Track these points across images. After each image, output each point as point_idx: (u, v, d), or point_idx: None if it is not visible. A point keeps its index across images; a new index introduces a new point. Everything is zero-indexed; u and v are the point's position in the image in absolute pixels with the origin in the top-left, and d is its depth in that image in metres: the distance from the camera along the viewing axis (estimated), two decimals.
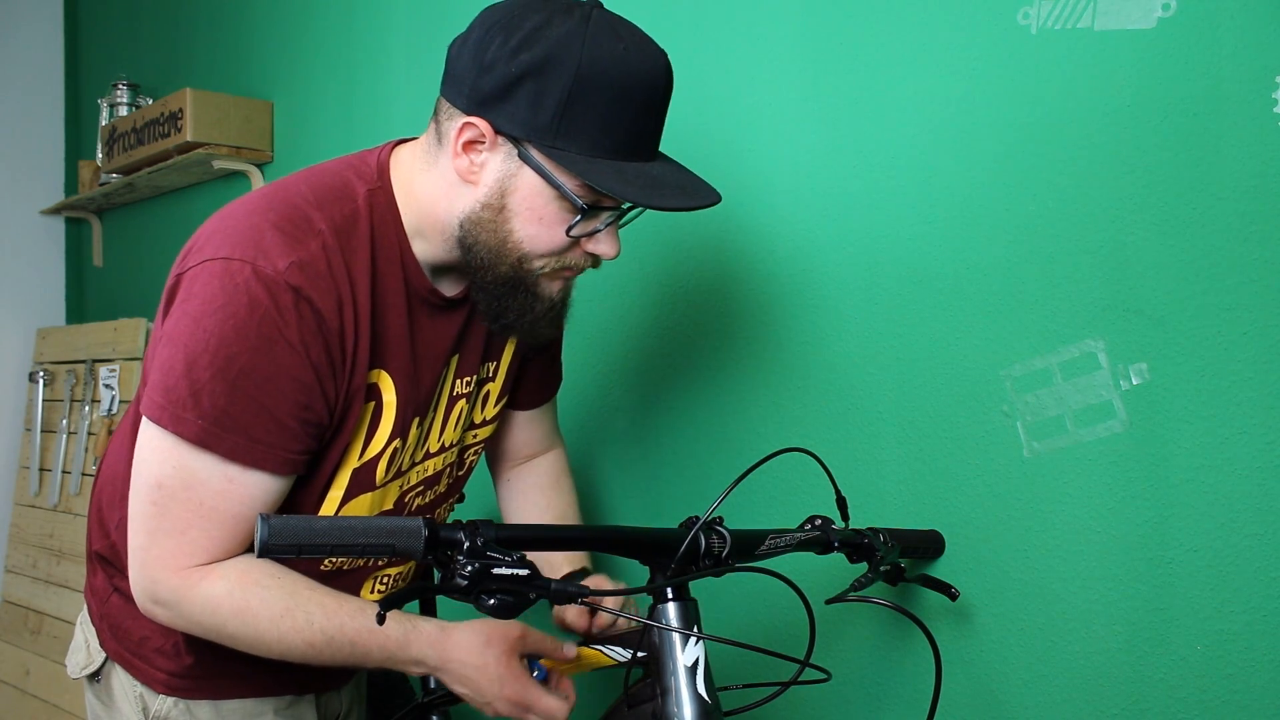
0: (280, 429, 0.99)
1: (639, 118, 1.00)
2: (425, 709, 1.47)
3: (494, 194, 1.02)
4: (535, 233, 1.03)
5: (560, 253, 1.05)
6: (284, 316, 0.97)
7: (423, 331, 1.11)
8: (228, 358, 0.95)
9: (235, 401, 0.96)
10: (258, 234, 0.99)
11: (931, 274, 1.31)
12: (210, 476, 0.99)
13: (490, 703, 1.06)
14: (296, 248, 0.99)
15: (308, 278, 0.98)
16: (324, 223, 1.01)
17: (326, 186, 1.06)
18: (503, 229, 1.03)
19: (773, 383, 1.49)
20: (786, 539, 1.10)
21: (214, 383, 0.96)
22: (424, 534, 0.82)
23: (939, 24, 1.30)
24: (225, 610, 1.00)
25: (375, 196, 1.07)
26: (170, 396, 0.97)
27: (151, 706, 1.14)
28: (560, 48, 0.96)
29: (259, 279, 0.96)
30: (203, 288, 0.97)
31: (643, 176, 1.00)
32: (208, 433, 0.97)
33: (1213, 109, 1.08)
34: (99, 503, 1.20)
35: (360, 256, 1.03)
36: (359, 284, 1.03)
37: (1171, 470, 1.11)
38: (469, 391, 1.21)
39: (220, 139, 2.54)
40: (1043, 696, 1.21)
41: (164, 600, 1.01)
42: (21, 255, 3.40)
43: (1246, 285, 1.06)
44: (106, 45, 3.39)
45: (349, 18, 2.33)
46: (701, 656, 0.99)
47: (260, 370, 0.96)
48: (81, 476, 2.85)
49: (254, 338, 0.96)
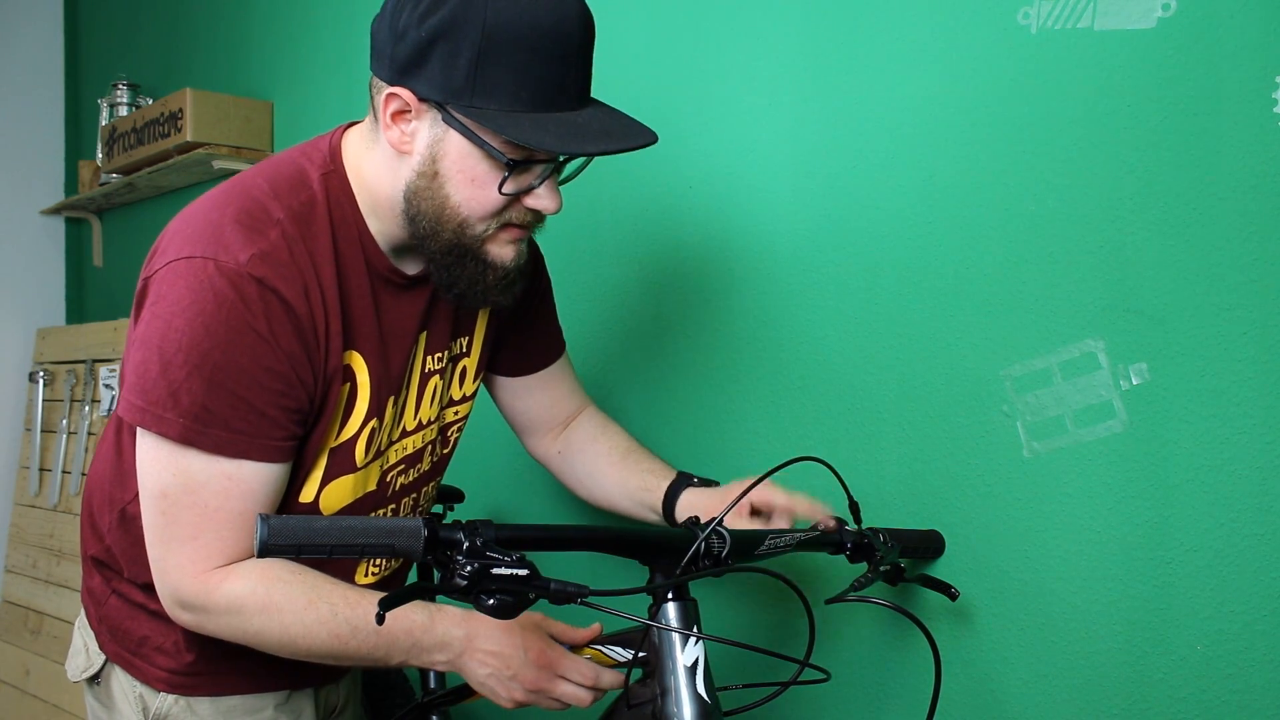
0: (260, 418, 1.00)
1: (553, 67, 0.99)
2: (425, 709, 1.47)
3: (426, 161, 1.03)
4: (470, 194, 1.03)
5: (499, 212, 1.05)
6: (250, 308, 0.98)
7: (388, 311, 1.12)
8: (201, 354, 0.97)
9: (212, 396, 0.97)
10: (217, 230, 1.00)
11: (931, 274, 1.31)
12: (208, 477, 1.00)
13: (517, 674, 1.05)
14: (257, 239, 1.00)
15: (270, 267, 0.99)
16: (281, 211, 1.03)
17: (282, 177, 1.07)
18: (439, 194, 1.04)
19: (772, 383, 1.49)
20: (786, 539, 1.10)
21: (190, 380, 0.97)
22: (423, 534, 0.82)
23: (939, 24, 1.30)
24: (250, 608, 1.01)
25: (329, 180, 1.08)
26: (149, 398, 0.98)
27: (151, 705, 1.14)
28: (465, 6, 0.97)
29: (222, 274, 0.97)
30: (169, 289, 0.99)
31: (565, 125, 0.99)
32: (190, 429, 0.98)
33: (1213, 109, 1.08)
34: (90, 507, 1.21)
35: (321, 241, 1.05)
36: (323, 268, 1.04)
37: (1171, 470, 1.11)
38: (442, 368, 1.22)
39: (220, 139, 2.55)
40: (1043, 696, 1.21)
41: (189, 605, 1.03)
42: (21, 255, 3.40)
43: (1246, 285, 1.06)
44: (106, 45, 3.39)
45: (349, 18, 2.32)
46: (701, 656, 0.99)
47: (233, 363, 0.97)
48: (81, 476, 2.85)
49: (223, 332, 0.97)
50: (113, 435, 1.17)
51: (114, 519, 1.15)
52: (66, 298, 3.50)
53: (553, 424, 1.43)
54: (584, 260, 1.74)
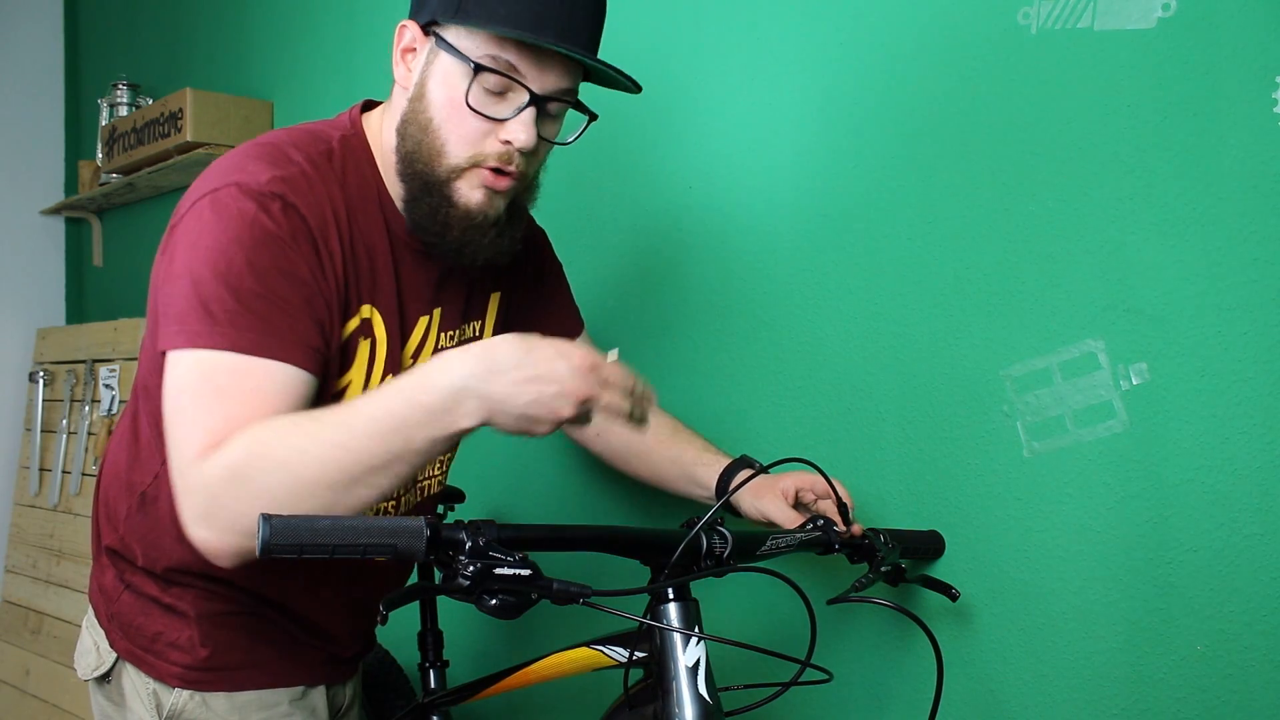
0: (293, 320, 0.99)
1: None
2: (425, 709, 1.47)
3: (418, 85, 1.07)
4: (447, 114, 1.05)
5: (475, 141, 1.05)
6: (274, 218, 1.00)
7: (407, 274, 1.14)
8: (227, 262, 0.97)
9: (244, 301, 0.97)
10: (239, 163, 1.03)
11: (931, 274, 1.31)
12: (229, 366, 0.96)
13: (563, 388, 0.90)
14: (277, 167, 1.03)
15: (291, 188, 1.02)
16: (300, 156, 1.06)
17: (302, 132, 1.11)
18: (423, 116, 1.06)
19: (773, 383, 1.49)
20: (788, 540, 1.10)
21: (220, 290, 0.97)
22: (426, 534, 0.82)
23: (939, 24, 1.30)
24: (246, 465, 0.90)
25: (349, 141, 1.12)
26: (184, 321, 0.97)
27: (166, 702, 1.14)
28: None
29: (244, 193, 1.00)
30: (195, 220, 1.01)
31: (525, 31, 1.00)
32: (223, 335, 0.96)
33: (1213, 109, 1.08)
34: (106, 497, 1.20)
35: (336, 188, 1.07)
36: (338, 210, 1.06)
37: (1171, 470, 1.11)
38: (453, 347, 1.21)
39: (220, 139, 2.55)
40: (1043, 696, 1.21)
41: (198, 500, 0.92)
42: (21, 255, 3.40)
43: (1246, 285, 1.06)
44: (106, 45, 3.39)
45: (349, 18, 2.32)
46: (703, 657, 0.99)
47: (259, 265, 0.98)
48: (82, 476, 2.85)
49: (248, 239, 0.98)
50: (129, 421, 1.17)
51: (133, 504, 1.15)
52: (66, 298, 3.50)
53: None
54: (583, 260, 1.74)
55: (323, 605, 1.20)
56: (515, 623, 1.80)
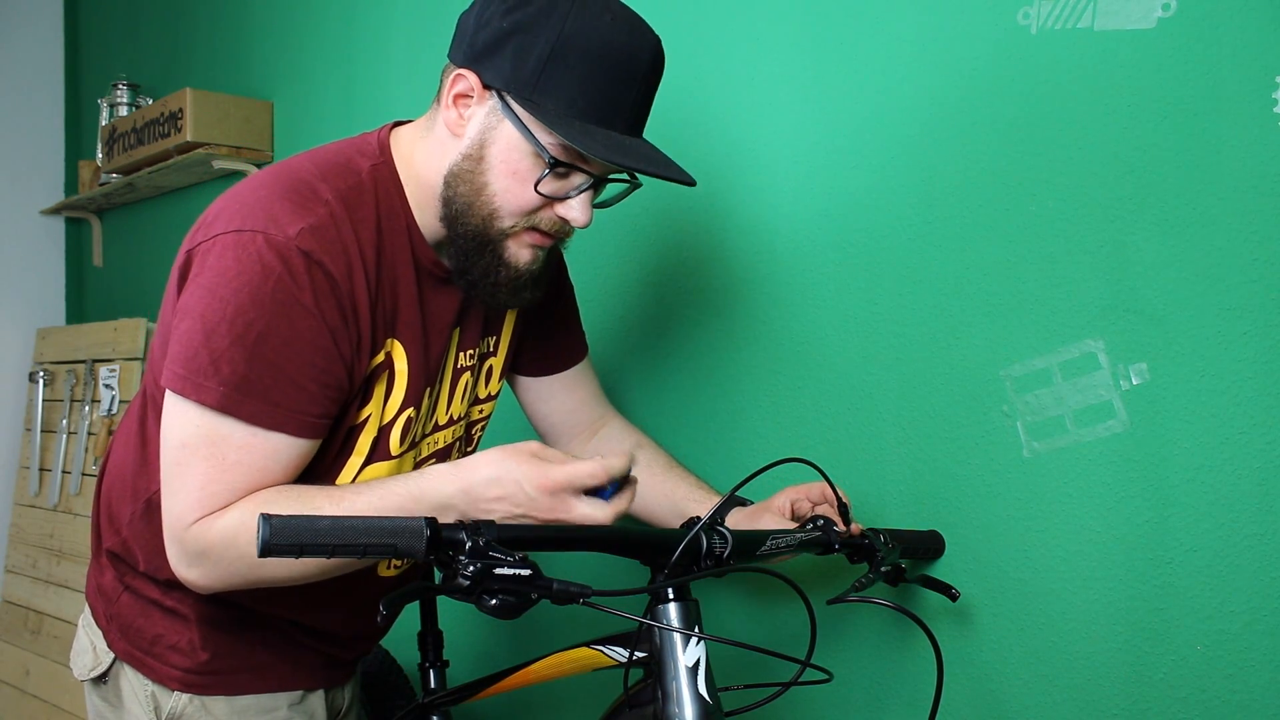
0: (299, 392, 1.00)
1: (616, 85, 1.03)
2: (425, 709, 1.47)
3: (475, 145, 1.06)
4: (508, 185, 1.05)
5: (531, 212, 1.07)
6: (297, 281, 0.99)
7: (430, 302, 1.14)
8: (245, 324, 0.97)
9: (254, 367, 0.98)
10: (267, 205, 1.01)
11: (931, 274, 1.31)
12: (235, 438, 0.99)
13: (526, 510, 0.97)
14: (305, 214, 1.01)
15: (318, 242, 1.00)
16: (329, 193, 1.04)
17: (330, 163, 1.09)
18: (479, 179, 1.06)
19: (773, 383, 1.49)
20: (788, 540, 1.10)
21: (232, 350, 0.97)
22: (426, 534, 0.82)
23: (939, 24, 1.30)
24: (243, 537, 0.97)
25: (379, 171, 1.10)
26: (190, 366, 0.98)
27: (165, 705, 1.14)
28: (550, 8, 1.01)
29: (271, 246, 0.98)
30: (216, 260, 0.99)
31: (613, 141, 1.02)
32: (229, 399, 0.97)
33: (1213, 109, 1.08)
34: (108, 499, 1.20)
35: (366, 226, 1.06)
36: (366, 251, 1.05)
37: (1171, 470, 1.11)
38: (472, 365, 1.24)
39: (220, 139, 2.55)
40: (1043, 696, 1.21)
41: (190, 551, 1.00)
42: (21, 255, 3.40)
43: (1246, 285, 1.06)
44: (106, 45, 3.39)
45: (349, 18, 2.32)
46: (703, 657, 0.99)
47: (277, 335, 0.98)
48: (81, 477, 2.85)
49: (269, 304, 0.98)
50: (136, 425, 1.17)
51: (137, 509, 1.14)
52: (66, 298, 3.50)
53: (578, 429, 1.44)
54: (583, 260, 1.74)
55: (323, 606, 1.20)
56: (515, 623, 1.81)
